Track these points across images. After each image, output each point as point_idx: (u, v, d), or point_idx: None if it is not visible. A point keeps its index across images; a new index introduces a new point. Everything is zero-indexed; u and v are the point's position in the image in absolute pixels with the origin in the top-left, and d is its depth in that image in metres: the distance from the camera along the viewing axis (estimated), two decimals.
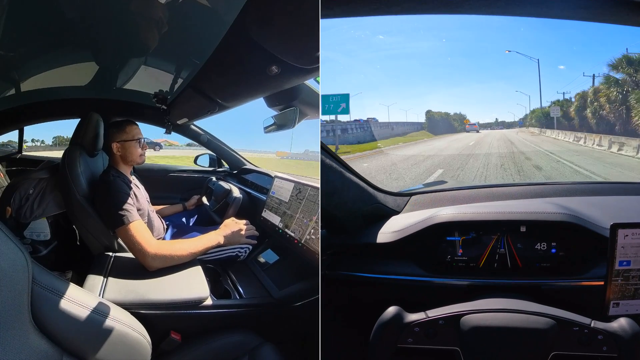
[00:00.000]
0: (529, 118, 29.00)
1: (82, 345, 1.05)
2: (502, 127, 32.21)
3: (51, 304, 1.00)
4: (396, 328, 1.07)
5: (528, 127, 27.79)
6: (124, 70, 2.66)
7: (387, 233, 1.50)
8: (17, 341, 0.86)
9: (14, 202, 2.11)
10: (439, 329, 1.08)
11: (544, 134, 21.84)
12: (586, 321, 1.04)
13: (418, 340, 1.08)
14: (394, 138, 22.69)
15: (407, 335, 1.08)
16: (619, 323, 1.02)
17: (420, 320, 1.08)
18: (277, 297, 1.74)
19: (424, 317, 1.09)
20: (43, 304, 0.97)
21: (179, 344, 1.49)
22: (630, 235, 1.13)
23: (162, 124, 3.04)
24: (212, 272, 1.95)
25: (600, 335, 1.01)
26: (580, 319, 1.04)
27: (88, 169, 2.07)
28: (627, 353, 0.99)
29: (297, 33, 1.12)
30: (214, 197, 2.72)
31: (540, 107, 26.85)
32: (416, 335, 1.08)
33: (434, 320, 1.08)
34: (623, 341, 0.99)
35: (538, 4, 1.28)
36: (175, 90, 2.63)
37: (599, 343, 1.01)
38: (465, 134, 26.84)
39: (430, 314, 1.09)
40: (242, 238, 1.92)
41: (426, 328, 1.08)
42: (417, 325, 1.07)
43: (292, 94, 1.88)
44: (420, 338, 1.08)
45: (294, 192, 2.00)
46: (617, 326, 1.02)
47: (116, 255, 1.87)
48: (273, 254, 2.08)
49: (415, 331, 1.07)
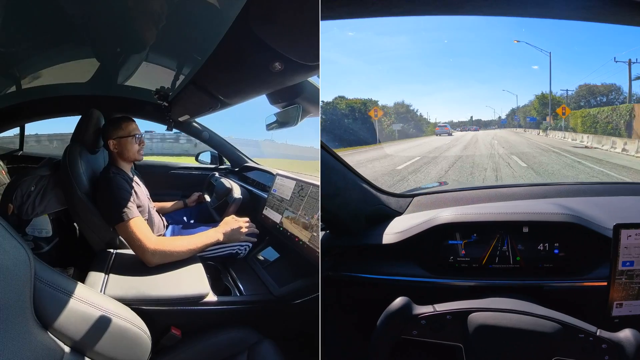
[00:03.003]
0: (525, 110, 27.23)
1: (84, 340, 1.06)
2: (477, 127, 30.30)
3: (53, 299, 1.00)
4: (403, 319, 1.07)
5: (525, 129, 26.29)
6: (125, 67, 2.65)
7: (390, 234, 1.50)
8: (20, 336, 0.87)
9: (16, 199, 2.10)
10: (446, 323, 1.08)
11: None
12: (592, 329, 1.02)
13: (423, 333, 1.08)
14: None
15: (412, 327, 1.08)
16: (625, 334, 1.01)
17: (428, 314, 1.08)
18: (276, 294, 1.75)
19: (432, 311, 1.09)
20: (45, 299, 0.98)
21: (179, 339, 1.51)
22: (633, 236, 1.13)
23: (164, 120, 3.04)
24: (213, 269, 1.96)
25: (604, 345, 1.00)
26: (586, 327, 1.03)
27: (89, 166, 2.07)
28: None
29: (301, 29, 1.11)
30: (215, 194, 2.72)
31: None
32: (422, 327, 1.08)
33: (442, 315, 1.08)
34: (625, 352, 0.98)
35: (538, 4, 1.27)
36: (176, 87, 2.62)
37: (601, 352, 1.00)
38: (434, 137, 24.28)
39: (438, 308, 1.09)
40: (242, 236, 1.92)
41: (433, 321, 1.08)
42: (424, 318, 1.07)
43: (295, 91, 1.87)
44: (426, 331, 1.08)
45: (296, 189, 2.00)
46: (622, 336, 1.00)
47: (117, 251, 1.88)
48: (273, 252, 2.09)
49: (422, 324, 1.07)
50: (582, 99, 22.93)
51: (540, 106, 25.24)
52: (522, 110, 28.56)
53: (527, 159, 11.58)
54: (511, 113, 30.81)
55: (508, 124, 30.12)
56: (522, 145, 16.68)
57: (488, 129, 30.27)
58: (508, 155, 12.68)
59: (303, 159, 10.11)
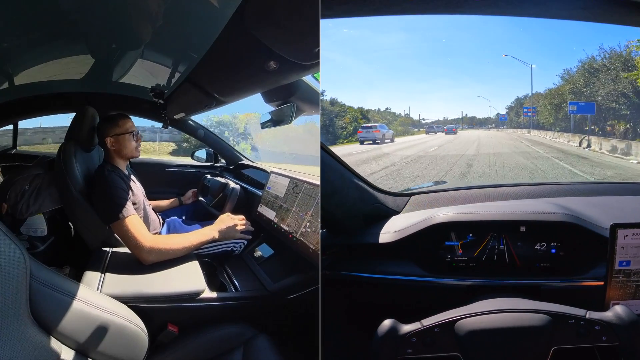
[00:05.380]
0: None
1: (81, 339, 1.06)
2: (469, 126, 25.14)
3: (49, 299, 1.00)
4: (393, 341, 1.06)
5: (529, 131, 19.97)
6: (121, 64, 2.62)
7: (387, 233, 1.49)
8: (17, 336, 0.86)
9: (10, 199, 2.09)
10: (436, 336, 1.07)
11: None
12: (581, 313, 1.03)
13: (417, 350, 1.07)
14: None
15: (405, 346, 1.06)
16: (614, 311, 1.02)
17: (416, 330, 1.07)
18: (271, 289, 1.77)
19: (419, 327, 1.07)
20: (41, 299, 0.98)
21: (176, 335, 1.53)
22: (630, 236, 1.13)
23: (159, 118, 3.02)
24: (209, 266, 1.98)
25: (597, 326, 1.01)
26: (574, 312, 1.04)
27: (84, 164, 2.06)
28: (627, 340, 0.99)
29: (296, 28, 1.11)
30: (210, 193, 2.72)
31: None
32: (414, 345, 1.06)
33: (429, 329, 1.07)
34: (621, 329, 0.99)
35: (538, 4, 1.27)
36: (172, 85, 2.61)
37: (597, 333, 1.01)
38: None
39: (425, 322, 1.08)
40: (237, 233, 1.95)
41: (423, 337, 1.06)
42: (413, 336, 1.06)
43: (290, 90, 1.87)
44: (419, 348, 1.07)
45: (290, 186, 2.01)
46: (612, 315, 1.01)
47: (113, 250, 1.89)
48: (268, 248, 2.12)
49: (413, 342, 1.06)
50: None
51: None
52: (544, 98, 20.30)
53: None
54: (516, 105, 23.75)
55: (510, 122, 23.62)
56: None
57: (482, 128, 25.21)
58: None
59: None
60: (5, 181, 2.19)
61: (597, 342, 1.02)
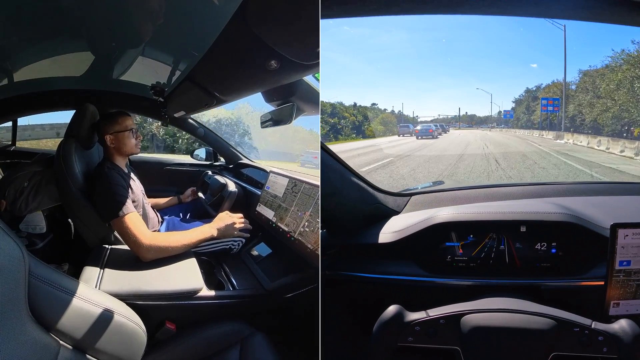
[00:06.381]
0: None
1: (79, 336, 1.06)
2: (468, 125, 22.55)
3: (48, 296, 1.00)
4: (397, 327, 1.07)
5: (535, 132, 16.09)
6: (121, 61, 2.61)
7: (388, 233, 1.49)
8: (15, 333, 0.86)
9: (9, 196, 2.09)
10: (440, 328, 1.08)
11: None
12: (587, 322, 1.03)
13: (418, 339, 1.07)
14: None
15: (407, 334, 1.07)
16: (620, 324, 1.02)
17: (421, 320, 1.08)
18: (268, 288, 1.78)
19: (424, 317, 1.08)
20: (40, 296, 0.98)
21: (173, 333, 1.54)
22: (630, 235, 1.14)
23: (159, 116, 3.02)
24: (207, 264, 1.98)
25: (600, 337, 1.01)
26: (580, 320, 1.04)
27: (83, 162, 2.06)
28: (627, 354, 0.99)
29: (297, 27, 1.11)
30: (209, 191, 2.72)
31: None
32: (417, 334, 1.07)
33: (435, 320, 1.08)
34: (623, 343, 0.99)
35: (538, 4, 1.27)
36: (172, 83, 2.61)
37: (599, 344, 1.01)
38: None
39: (431, 313, 1.09)
40: (235, 231, 1.95)
41: (427, 327, 1.07)
42: (417, 324, 1.07)
43: (290, 90, 1.88)
44: (421, 337, 1.07)
45: (289, 186, 2.02)
46: (617, 327, 1.01)
47: (112, 247, 1.89)
48: (266, 247, 2.13)
49: (416, 330, 1.07)
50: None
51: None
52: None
53: None
54: (527, 98, 19.95)
55: (517, 120, 19.70)
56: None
57: (481, 127, 22.76)
58: None
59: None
60: (4, 178, 2.18)
61: (597, 352, 1.02)
